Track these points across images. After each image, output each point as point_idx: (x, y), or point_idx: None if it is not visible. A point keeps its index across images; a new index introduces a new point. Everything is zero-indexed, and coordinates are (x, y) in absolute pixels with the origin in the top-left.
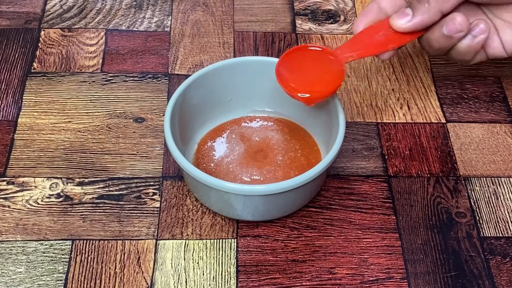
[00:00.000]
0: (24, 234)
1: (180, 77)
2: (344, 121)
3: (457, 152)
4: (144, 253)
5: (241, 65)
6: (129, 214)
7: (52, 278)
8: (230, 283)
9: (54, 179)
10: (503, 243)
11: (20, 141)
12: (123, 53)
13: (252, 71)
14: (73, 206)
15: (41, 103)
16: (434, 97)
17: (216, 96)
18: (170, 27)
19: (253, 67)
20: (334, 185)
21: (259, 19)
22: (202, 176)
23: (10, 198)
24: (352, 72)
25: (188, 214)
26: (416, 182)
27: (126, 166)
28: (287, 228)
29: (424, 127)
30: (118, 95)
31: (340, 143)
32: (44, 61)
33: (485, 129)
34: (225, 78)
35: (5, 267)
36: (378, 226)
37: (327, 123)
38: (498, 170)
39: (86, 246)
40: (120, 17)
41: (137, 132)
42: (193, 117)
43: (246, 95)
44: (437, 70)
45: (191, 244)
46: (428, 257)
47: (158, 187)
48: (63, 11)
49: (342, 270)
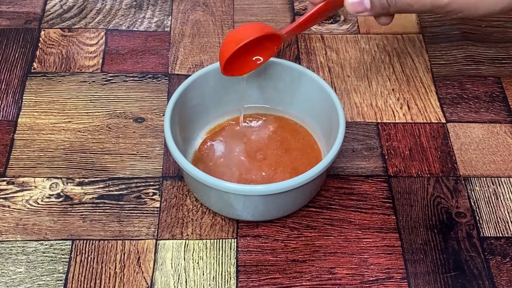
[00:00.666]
0: (24, 234)
1: (180, 77)
2: (344, 121)
3: (457, 152)
4: (144, 253)
5: None
6: (129, 214)
7: (52, 278)
8: (230, 283)
9: (54, 179)
10: (503, 243)
11: (20, 141)
12: (123, 53)
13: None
14: (73, 206)
15: (41, 103)
16: (434, 97)
17: (216, 96)
18: (170, 27)
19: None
20: (334, 185)
21: (259, 19)
22: (202, 176)
23: (10, 198)
24: (352, 72)
25: (188, 214)
26: (416, 182)
27: (126, 166)
28: (287, 228)
29: (424, 127)
30: (118, 95)
31: (340, 143)
32: (44, 61)
33: (485, 129)
34: (225, 78)
35: (5, 267)
36: (378, 226)
37: (327, 123)
38: (498, 170)
39: (86, 246)
40: (120, 17)
41: (137, 132)
42: (193, 117)
43: (246, 95)
44: (437, 70)
45: (191, 244)
46: (428, 257)
47: (158, 187)
48: (63, 11)
49: (342, 270)
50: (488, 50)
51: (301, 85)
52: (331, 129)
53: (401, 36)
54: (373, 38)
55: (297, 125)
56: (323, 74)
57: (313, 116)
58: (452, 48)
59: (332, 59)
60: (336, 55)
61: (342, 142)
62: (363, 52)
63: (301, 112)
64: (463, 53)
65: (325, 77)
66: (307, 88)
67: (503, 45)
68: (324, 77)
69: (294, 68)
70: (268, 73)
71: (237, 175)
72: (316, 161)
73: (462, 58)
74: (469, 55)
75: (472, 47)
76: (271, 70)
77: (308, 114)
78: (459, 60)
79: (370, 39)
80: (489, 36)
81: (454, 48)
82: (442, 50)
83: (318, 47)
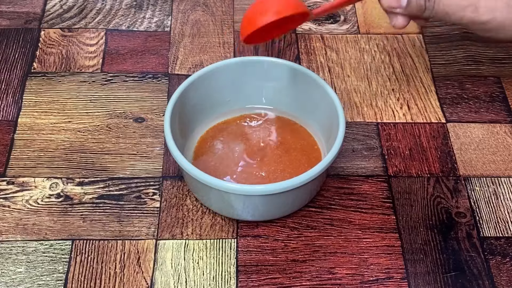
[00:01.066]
0: (24, 234)
1: (180, 77)
2: (344, 121)
3: (457, 152)
4: (144, 253)
5: (240, 65)
6: (129, 214)
7: (52, 278)
8: (230, 283)
9: (54, 179)
10: (503, 243)
11: (20, 141)
12: (123, 53)
13: (251, 71)
14: (73, 206)
15: (41, 103)
16: (434, 97)
17: (216, 96)
18: (170, 27)
19: (252, 67)
20: (334, 185)
21: None
22: (202, 176)
23: (10, 198)
24: (352, 72)
25: (188, 214)
26: (416, 182)
27: (126, 166)
28: (287, 228)
29: (424, 127)
30: (118, 95)
31: (340, 143)
32: (44, 61)
33: (485, 129)
34: (224, 78)
35: (5, 267)
36: (378, 226)
37: (327, 123)
38: (498, 170)
39: (86, 246)
40: (120, 17)
41: (137, 132)
42: (192, 117)
43: (245, 94)
44: (437, 70)
45: (191, 244)
46: (428, 257)
47: (158, 187)
48: (63, 11)
49: (342, 270)
50: (488, 50)
51: (301, 85)
52: (331, 129)
53: (401, 36)
54: (373, 38)
55: (297, 125)
56: (323, 74)
57: (313, 116)
58: (452, 48)
59: (332, 59)
60: (336, 55)
61: (342, 142)
62: (363, 52)
63: (301, 112)
64: (463, 53)
65: (325, 77)
66: (307, 88)
67: (503, 45)
68: (324, 77)
69: (293, 68)
70: (268, 73)
71: (237, 175)
72: (316, 161)
73: (462, 58)
74: (469, 55)
75: (472, 47)
76: (271, 70)
77: (308, 114)
78: (459, 60)
79: (370, 39)
80: None
81: (454, 48)
82: (442, 50)
83: (318, 47)
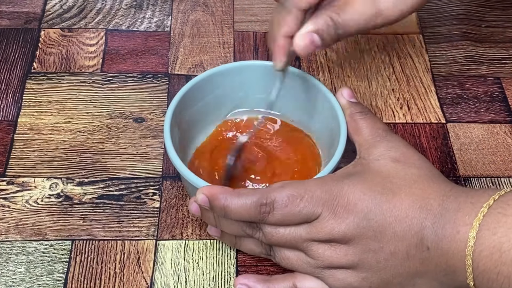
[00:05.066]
0: (24, 234)
1: (180, 77)
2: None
3: (457, 152)
4: (144, 253)
5: (242, 69)
6: (129, 214)
7: (52, 278)
8: (230, 283)
9: (54, 179)
10: None
11: (20, 141)
12: (123, 53)
13: (252, 75)
14: (73, 206)
15: (41, 103)
16: (434, 97)
17: (216, 100)
18: (170, 27)
19: (254, 71)
20: None
21: (259, 19)
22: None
23: (10, 198)
24: (352, 72)
25: (188, 214)
26: None
27: (126, 166)
28: None
29: (424, 127)
30: (118, 95)
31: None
32: (44, 61)
33: (485, 129)
34: (226, 82)
35: (5, 267)
36: None
37: (327, 126)
38: (498, 170)
39: (86, 246)
40: (120, 17)
41: (137, 132)
42: (192, 122)
43: (246, 98)
44: (437, 70)
45: (191, 244)
46: None
47: (158, 187)
48: (63, 11)
49: None
50: (488, 50)
51: (300, 89)
52: (331, 132)
53: (401, 36)
54: (373, 38)
55: (298, 128)
56: (323, 74)
57: (314, 119)
58: (452, 48)
59: (332, 59)
60: (336, 55)
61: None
62: (363, 52)
63: (302, 115)
64: (463, 53)
65: (325, 77)
66: (307, 92)
67: (503, 45)
68: (324, 77)
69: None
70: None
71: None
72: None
73: (462, 58)
74: (469, 55)
75: (472, 47)
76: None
77: (309, 117)
78: (459, 60)
79: (370, 39)
80: (489, 36)
81: (454, 48)
82: (442, 50)
83: None
